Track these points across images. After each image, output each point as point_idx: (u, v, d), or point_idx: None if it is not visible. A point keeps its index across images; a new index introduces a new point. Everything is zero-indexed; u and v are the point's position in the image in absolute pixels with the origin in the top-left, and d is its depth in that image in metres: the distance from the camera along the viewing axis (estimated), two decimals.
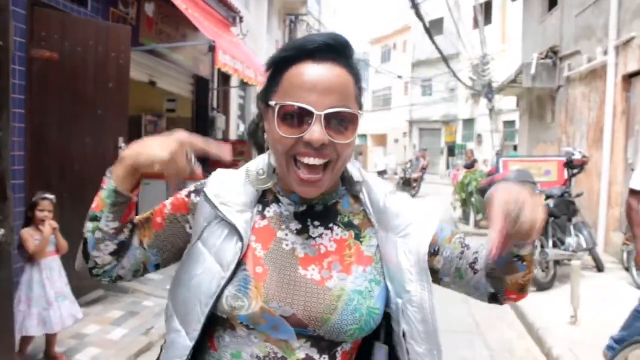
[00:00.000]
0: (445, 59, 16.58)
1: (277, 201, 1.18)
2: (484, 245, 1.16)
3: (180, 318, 1.13)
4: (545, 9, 12.55)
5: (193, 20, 6.46)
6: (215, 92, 10.06)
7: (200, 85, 9.52)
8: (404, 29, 34.53)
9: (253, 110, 12.99)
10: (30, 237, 3.83)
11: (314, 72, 1.04)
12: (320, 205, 1.17)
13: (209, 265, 1.09)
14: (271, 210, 1.17)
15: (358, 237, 1.16)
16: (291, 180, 1.08)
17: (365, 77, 35.92)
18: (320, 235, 1.14)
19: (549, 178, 7.76)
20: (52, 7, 5.01)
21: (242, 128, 12.24)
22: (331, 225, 1.16)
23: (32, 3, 4.70)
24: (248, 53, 8.69)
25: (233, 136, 11.52)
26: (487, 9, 23.22)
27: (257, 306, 1.05)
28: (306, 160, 1.04)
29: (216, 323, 1.11)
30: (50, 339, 4.04)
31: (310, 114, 1.02)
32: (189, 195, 1.20)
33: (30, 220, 3.93)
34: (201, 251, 1.12)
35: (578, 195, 7.25)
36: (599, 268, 7.10)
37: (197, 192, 1.19)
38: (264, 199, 1.18)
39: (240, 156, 9.28)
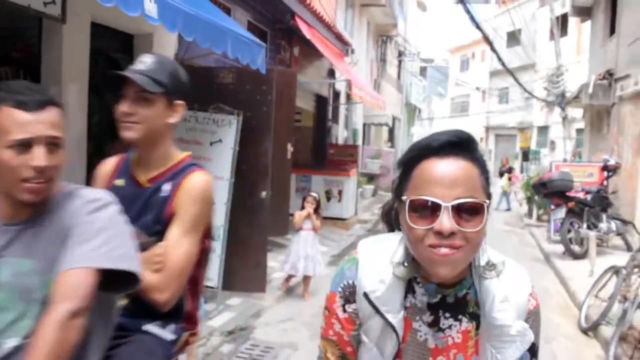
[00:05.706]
0: (510, 72, 18.29)
1: (413, 291, 1.21)
2: None
3: None
4: (606, 34, 14.49)
5: (330, 59, 9.23)
6: (330, 107, 12.89)
7: (320, 101, 12.40)
8: (481, 39, 36.15)
9: (354, 119, 15.78)
10: (299, 216, 6.26)
11: (439, 167, 1.11)
12: (452, 297, 1.20)
13: (374, 353, 1.22)
14: (407, 301, 1.21)
15: (479, 329, 1.20)
16: (426, 262, 1.12)
17: (444, 85, 38.18)
18: (450, 327, 1.20)
19: (592, 179, 10.10)
20: None
21: (346, 134, 15.02)
22: (460, 316, 1.20)
23: None
24: (362, 81, 11.39)
25: (340, 140, 14.36)
26: (564, 21, 24.40)
27: None
28: (436, 250, 1.08)
29: None
30: (304, 282, 6.28)
31: (438, 206, 1.07)
32: (344, 310, 1.26)
33: (302, 207, 6.35)
34: (364, 340, 1.24)
35: (613, 192, 9.53)
36: (628, 248, 9.28)
37: (348, 300, 1.25)
38: None
39: (349, 157, 12.04)
